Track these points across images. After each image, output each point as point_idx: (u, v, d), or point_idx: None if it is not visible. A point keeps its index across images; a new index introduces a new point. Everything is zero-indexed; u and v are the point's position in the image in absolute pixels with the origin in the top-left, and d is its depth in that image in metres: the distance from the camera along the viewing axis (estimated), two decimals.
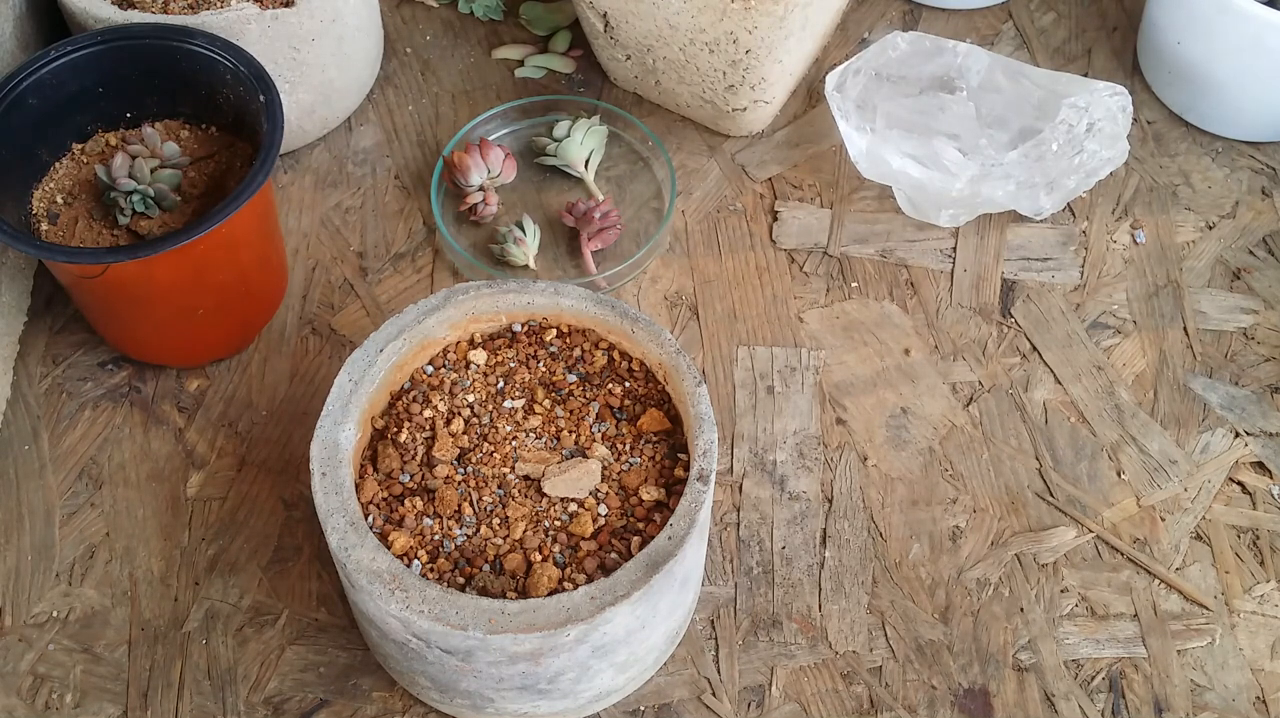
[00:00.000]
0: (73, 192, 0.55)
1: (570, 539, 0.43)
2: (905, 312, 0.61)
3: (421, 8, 0.75)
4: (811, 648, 0.51)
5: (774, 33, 0.60)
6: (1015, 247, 0.64)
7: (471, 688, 0.44)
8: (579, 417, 0.46)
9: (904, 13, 0.75)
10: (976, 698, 0.50)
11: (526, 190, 0.65)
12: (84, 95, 0.55)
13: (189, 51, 0.55)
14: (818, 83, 0.70)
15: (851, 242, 0.64)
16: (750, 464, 0.56)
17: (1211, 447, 0.57)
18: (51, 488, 0.54)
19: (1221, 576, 0.53)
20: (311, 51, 0.61)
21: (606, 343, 0.48)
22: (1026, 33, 0.74)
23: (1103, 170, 0.62)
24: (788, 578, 0.53)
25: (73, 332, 0.59)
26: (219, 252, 0.52)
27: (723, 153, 0.67)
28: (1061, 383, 0.59)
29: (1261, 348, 0.60)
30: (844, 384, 0.59)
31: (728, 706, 0.49)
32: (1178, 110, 0.69)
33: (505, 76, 0.71)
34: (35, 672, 0.50)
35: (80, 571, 0.52)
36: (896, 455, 0.56)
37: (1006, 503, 0.55)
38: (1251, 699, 0.50)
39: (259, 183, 0.50)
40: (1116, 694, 0.50)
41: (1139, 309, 0.62)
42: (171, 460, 0.55)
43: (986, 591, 0.53)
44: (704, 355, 0.59)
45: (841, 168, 0.67)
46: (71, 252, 0.50)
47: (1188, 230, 0.65)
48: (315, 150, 0.67)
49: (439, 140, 0.67)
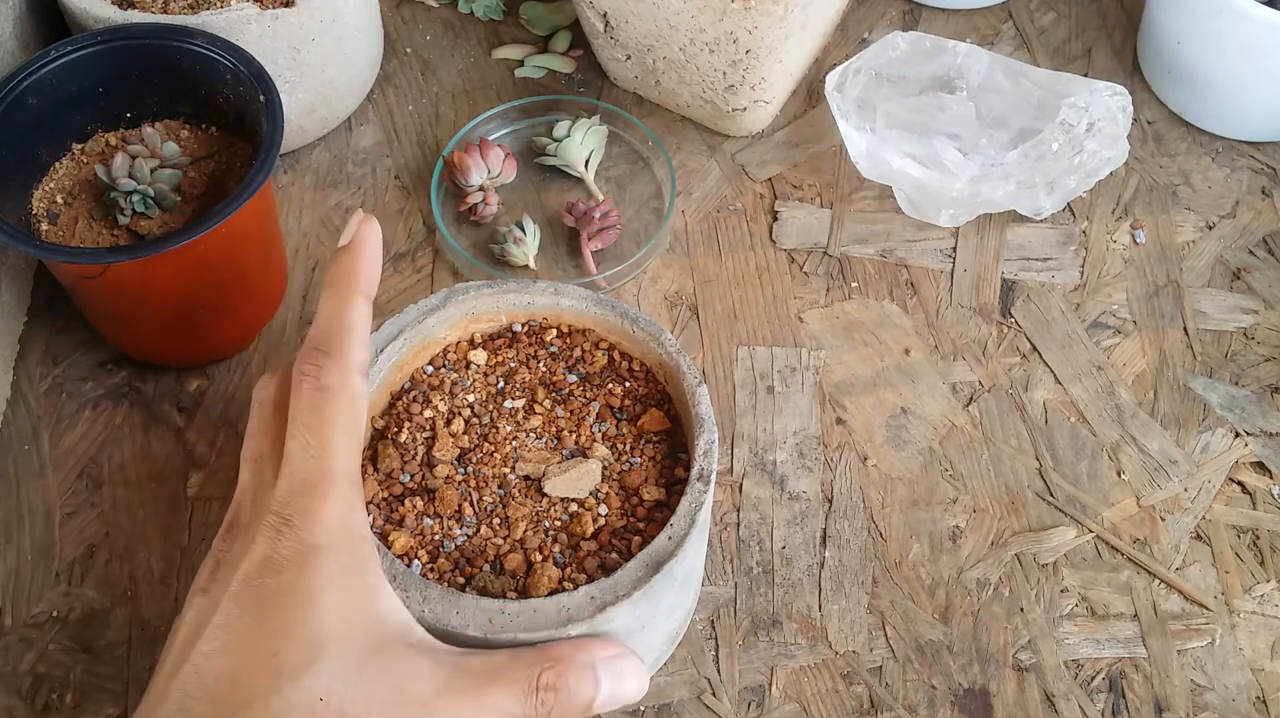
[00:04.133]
0: (73, 192, 0.55)
1: (570, 539, 0.43)
2: (905, 312, 0.61)
3: (421, 8, 0.75)
4: (811, 648, 0.51)
5: (774, 33, 0.60)
6: (1015, 247, 0.64)
7: None
8: (579, 417, 0.46)
9: (904, 13, 0.75)
10: (976, 698, 0.50)
11: (526, 190, 0.65)
12: (84, 95, 0.55)
13: (189, 51, 0.55)
14: (818, 83, 0.70)
15: (851, 242, 0.64)
16: (750, 464, 0.56)
17: (1211, 447, 0.57)
18: (51, 488, 0.54)
19: (1221, 576, 0.53)
20: (312, 51, 0.61)
21: (607, 343, 0.48)
22: (1026, 33, 0.74)
23: (1103, 170, 0.62)
24: (788, 578, 0.53)
25: (73, 332, 0.59)
26: (219, 252, 0.52)
27: (723, 153, 0.67)
28: (1061, 383, 0.59)
29: (1261, 348, 0.60)
30: (844, 384, 0.59)
31: (728, 706, 0.49)
32: (1178, 110, 0.69)
33: (505, 76, 0.71)
34: (35, 672, 0.50)
35: (80, 571, 0.52)
36: (896, 455, 0.56)
37: (1006, 503, 0.55)
38: (1251, 699, 0.50)
39: (259, 183, 0.50)
40: (1116, 694, 0.50)
41: (1139, 309, 0.62)
42: (171, 461, 0.55)
43: (986, 591, 0.53)
44: (704, 355, 0.59)
45: (841, 168, 0.67)
46: (71, 252, 0.50)
47: (1188, 230, 0.65)
48: (315, 150, 0.67)
49: (439, 140, 0.68)
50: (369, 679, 0.34)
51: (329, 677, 0.33)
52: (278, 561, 0.34)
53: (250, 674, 0.33)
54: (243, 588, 0.34)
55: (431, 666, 0.35)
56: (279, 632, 0.33)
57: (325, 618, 0.34)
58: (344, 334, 0.38)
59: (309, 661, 0.33)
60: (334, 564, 0.35)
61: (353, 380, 0.37)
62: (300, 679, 0.33)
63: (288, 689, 0.32)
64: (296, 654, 0.33)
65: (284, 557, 0.34)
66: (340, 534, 0.35)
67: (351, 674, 0.33)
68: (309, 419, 0.36)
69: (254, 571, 0.34)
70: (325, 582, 0.34)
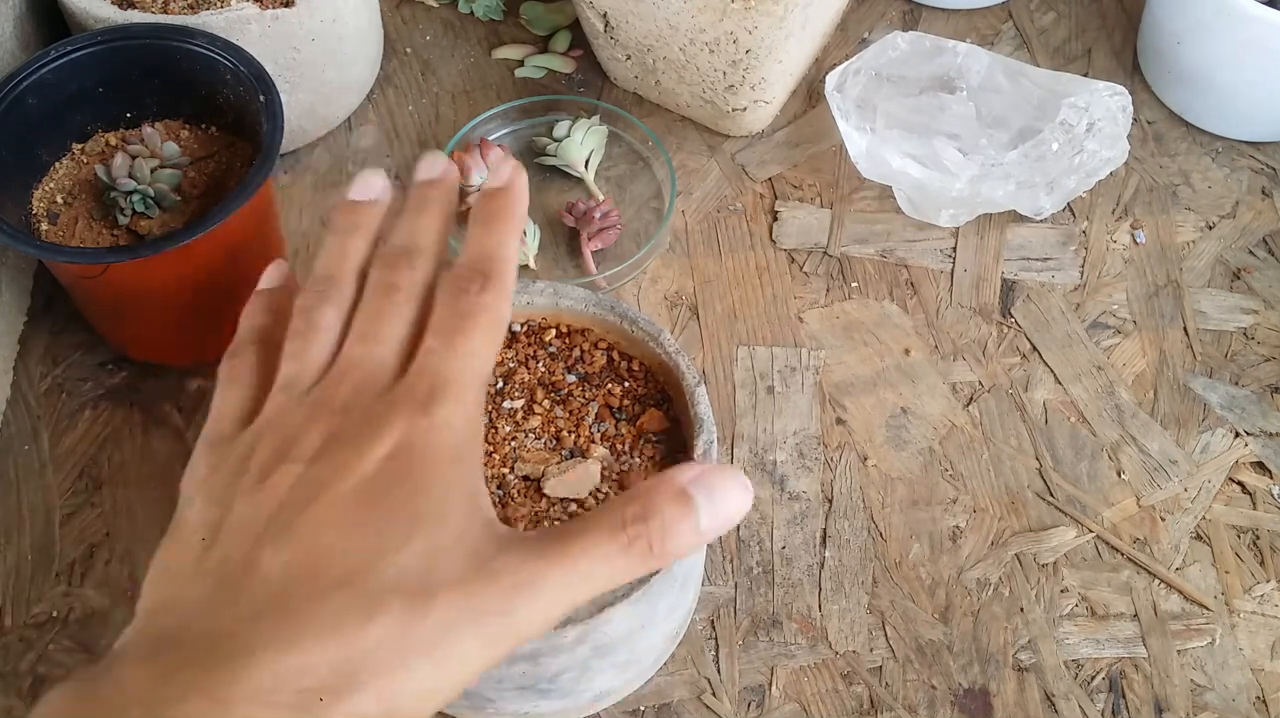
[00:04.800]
0: (73, 191, 0.55)
1: None
2: (905, 312, 0.61)
3: (421, 8, 0.75)
4: (811, 648, 0.51)
5: (774, 33, 0.60)
6: (1015, 247, 0.64)
7: (471, 688, 0.44)
8: (578, 417, 0.46)
9: (904, 13, 0.75)
10: (976, 698, 0.50)
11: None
12: (84, 95, 0.55)
13: (189, 51, 0.55)
14: (818, 83, 0.70)
15: (851, 242, 0.64)
16: (750, 464, 0.56)
17: (1211, 447, 0.57)
18: (51, 488, 0.55)
19: (1221, 576, 0.53)
20: (312, 51, 0.61)
21: (606, 343, 0.48)
22: (1026, 33, 0.74)
23: (1103, 170, 0.62)
24: (788, 578, 0.53)
25: (73, 332, 0.59)
26: (219, 252, 0.52)
27: (723, 153, 0.67)
28: (1061, 383, 0.59)
29: (1261, 348, 0.60)
30: (844, 384, 0.59)
31: (728, 706, 0.49)
32: (1178, 110, 0.69)
33: (505, 76, 0.71)
34: (35, 672, 0.50)
35: (80, 570, 0.52)
36: (896, 455, 0.56)
37: (1006, 503, 0.55)
38: (1251, 699, 0.50)
39: (259, 183, 0.50)
40: (1116, 694, 0.50)
41: (1139, 309, 0.62)
42: (172, 461, 0.55)
43: (986, 591, 0.53)
44: (704, 355, 0.59)
45: (841, 168, 0.67)
46: (72, 252, 0.50)
47: (1188, 230, 0.65)
48: (315, 150, 0.67)
49: (439, 140, 0.68)
50: (461, 554, 0.33)
51: (424, 552, 0.33)
52: (409, 447, 0.34)
53: (351, 549, 0.33)
54: (372, 468, 0.34)
55: (518, 541, 0.35)
56: (388, 511, 0.34)
57: (431, 499, 0.34)
58: (504, 263, 0.39)
59: (408, 535, 0.33)
60: (454, 453, 0.35)
61: (506, 304, 0.38)
62: (395, 555, 0.33)
63: (382, 565, 0.32)
64: (398, 530, 0.33)
65: (419, 443, 0.35)
66: (467, 430, 0.36)
67: (442, 552, 0.33)
68: (460, 324, 0.37)
69: (383, 454, 0.34)
70: (442, 468, 0.35)
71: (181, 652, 0.31)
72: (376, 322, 0.38)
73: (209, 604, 0.32)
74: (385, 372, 0.37)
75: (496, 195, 0.41)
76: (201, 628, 0.32)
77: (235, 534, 0.34)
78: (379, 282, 0.39)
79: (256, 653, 0.30)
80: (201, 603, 0.33)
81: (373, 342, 0.38)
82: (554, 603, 0.33)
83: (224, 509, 0.35)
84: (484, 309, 0.38)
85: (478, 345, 0.37)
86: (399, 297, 0.39)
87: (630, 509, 0.34)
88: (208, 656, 0.31)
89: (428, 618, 0.32)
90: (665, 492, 0.35)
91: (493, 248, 0.39)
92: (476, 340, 0.37)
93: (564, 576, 0.33)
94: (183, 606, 0.33)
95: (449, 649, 0.32)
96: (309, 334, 0.39)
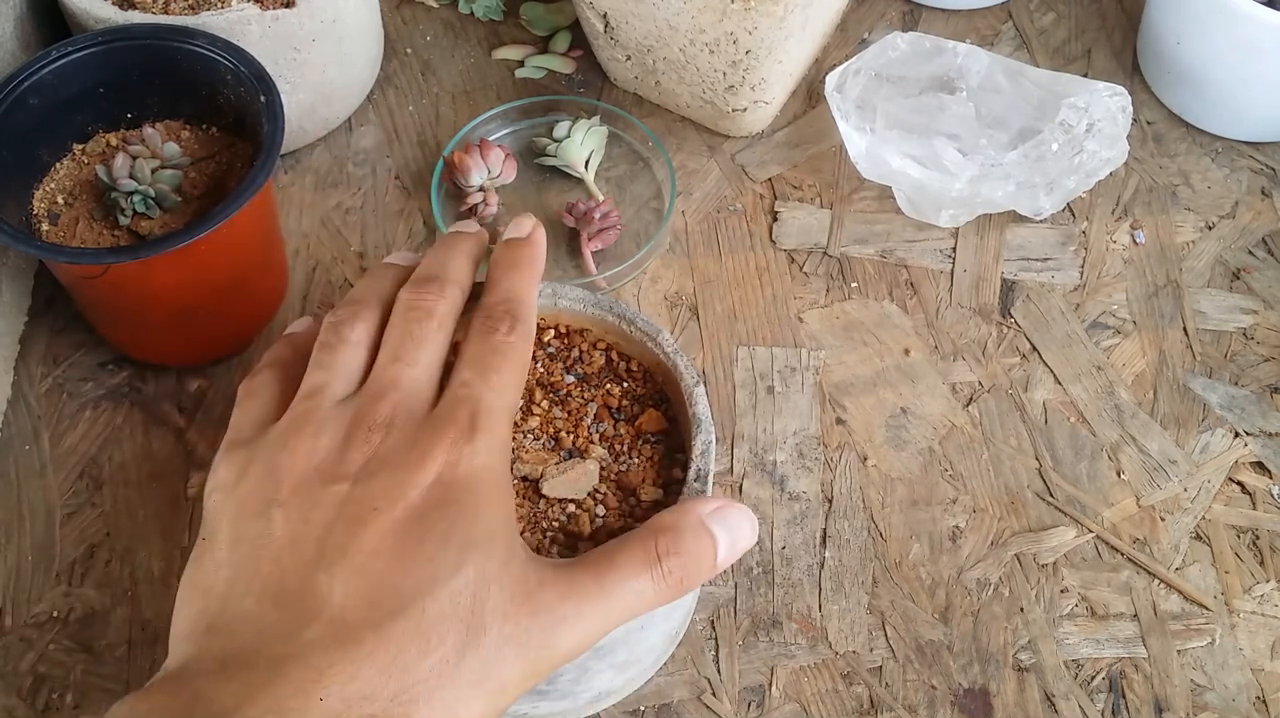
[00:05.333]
0: (73, 192, 0.55)
1: (569, 540, 0.43)
2: (905, 312, 0.61)
3: (421, 8, 0.75)
4: (811, 648, 0.51)
5: (774, 33, 0.60)
6: (1015, 247, 0.64)
7: None
8: (577, 417, 0.46)
9: (904, 13, 0.75)
10: (976, 698, 0.50)
11: (526, 191, 0.65)
12: (84, 96, 0.56)
13: (189, 52, 0.55)
14: (818, 83, 0.70)
15: (851, 242, 0.64)
16: (750, 464, 0.56)
17: (1211, 447, 0.57)
18: (52, 488, 0.55)
19: (1221, 576, 0.53)
20: (312, 52, 0.61)
21: (604, 343, 0.48)
22: (1026, 33, 0.74)
23: (1102, 170, 0.62)
24: (788, 578, 0.53)
25: (73, 332, 0.59)
26: (219, 252, 0.52)
27: (723, 153, 0.67)
28: (1061, 383, 0.59)
29: (1261, 348, 0.60)
30: (844, 384, 0.59)
31: (728, 706, 0.49)
32: (1177, 110, 0.69)
33: (505, 77, 0.71)
34: (35, 672, 0.50)
35: (80, 571, 0.52)
36: (896, 455, 0.56)
37: (1006, 503, 0.55)
38: (1251, 699, 0.50)
39: (259, 183, 0.50)
40: (1116, 694, 0.50)
41: (1139, 309, 0.62)
42: (172, 460, 0.55)
43: (986, 591, 0.53)
44: (704, 355, 0.59)
45: (841, 168, 0.67)
46: (72, 252, 0.51)
47: (1188, 230, 0.65)
48: (315, 151, 0.67)
49: (439, 141, 0.68)
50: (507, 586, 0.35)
51: (475, 581, 0.34)
52: (454, 473, 0.36)
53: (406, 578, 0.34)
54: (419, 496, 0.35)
55: (554, 573, 0.37)
56: (439, 538, 0.35)
57: (478, 527, 0.35)
58: (528, 308, 0.42)
59: (458, 564, 0.34)
60: (495, 481, 0.37)
61: (529, 347, 0.41)
62: (448, 584, 0.34)
63: (437, 593, 0.34)
64: (449, 558, 0.34)
65: (463, 470, 0.36)
66: (500, 458, 0.38)
67: (491, 582, 0.35)
68: (493, 361, 0.39)
69: (430, 480, 0.36)
70: (486, 496, 0.36)
71: (255, 673, 0.32)
72: (412, 345, 0.39)
73: (271, 626, 0.34)
74: (422, 396, 0.38)
75: (520, 245, 0.44)
76: (269, 652, 0.33)
77: (287, 553, 0.35)
78: (409, 303, 0.41)
79: (325, 680, 0.32)
80: (263, 625, 0.34)
81: (409, 364, 0.39)
82: (590, 634, 0.36)
83: (265, 523, 0.36)
84: (513, 349, 0.40)
85: (508, 381, 0.39)
86: (431, 324, 0.40)
87: (661, 543, 0.37)
88: (280, 680, 0.32)
89: (480, 651, 0.34)
90: (690, 525, 0.38)
91: (518, 292, 0.42)
92: (507, 377, 0.39)
93: (601, 609, 0.36)
94: (241, 625, 0.34)
95: (497, 680, 0.34)
96: (338, 346, 0.40)
